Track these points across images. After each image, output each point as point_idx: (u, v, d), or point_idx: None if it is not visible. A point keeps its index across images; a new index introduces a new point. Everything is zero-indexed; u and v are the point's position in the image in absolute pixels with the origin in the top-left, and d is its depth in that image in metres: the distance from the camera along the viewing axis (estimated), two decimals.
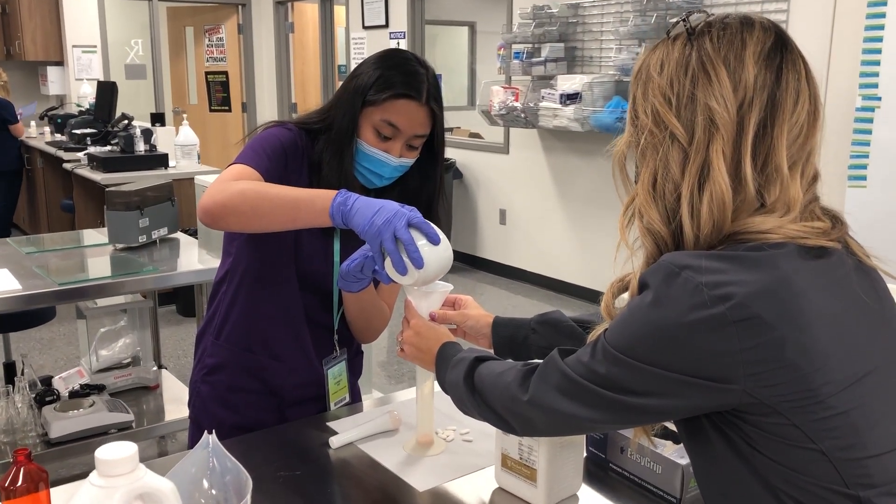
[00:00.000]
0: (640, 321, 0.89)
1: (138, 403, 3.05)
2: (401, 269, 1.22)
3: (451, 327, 1.44)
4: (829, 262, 0.90)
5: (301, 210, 1.28)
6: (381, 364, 4.35)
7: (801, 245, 0.88)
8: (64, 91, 7.90)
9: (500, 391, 1.05)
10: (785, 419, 0.84)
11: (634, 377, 0.89)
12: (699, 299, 0.84)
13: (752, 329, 0.82)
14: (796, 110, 0.91)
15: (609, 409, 0.92)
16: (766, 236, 0.88)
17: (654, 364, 0.87)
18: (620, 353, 0.89)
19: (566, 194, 5.54)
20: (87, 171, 4.92)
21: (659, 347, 0.87)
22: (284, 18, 8.64)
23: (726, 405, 0.87)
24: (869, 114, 3.56)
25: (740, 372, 0.84)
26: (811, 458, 0.85)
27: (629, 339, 0.89)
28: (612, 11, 4.93)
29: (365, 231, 1.21)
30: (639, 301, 0.90)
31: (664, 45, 0.97)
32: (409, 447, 1.42)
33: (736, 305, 0.83)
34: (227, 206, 1.30)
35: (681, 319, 0.85)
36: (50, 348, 4.43)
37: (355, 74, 1.48)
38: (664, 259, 0.89)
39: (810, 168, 0.94)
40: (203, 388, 1.59)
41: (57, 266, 2.66)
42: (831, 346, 0.85)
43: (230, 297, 1.55)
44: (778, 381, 0.83)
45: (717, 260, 0.86)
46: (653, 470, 1.28)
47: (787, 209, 0.90)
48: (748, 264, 0.85)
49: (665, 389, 0.87)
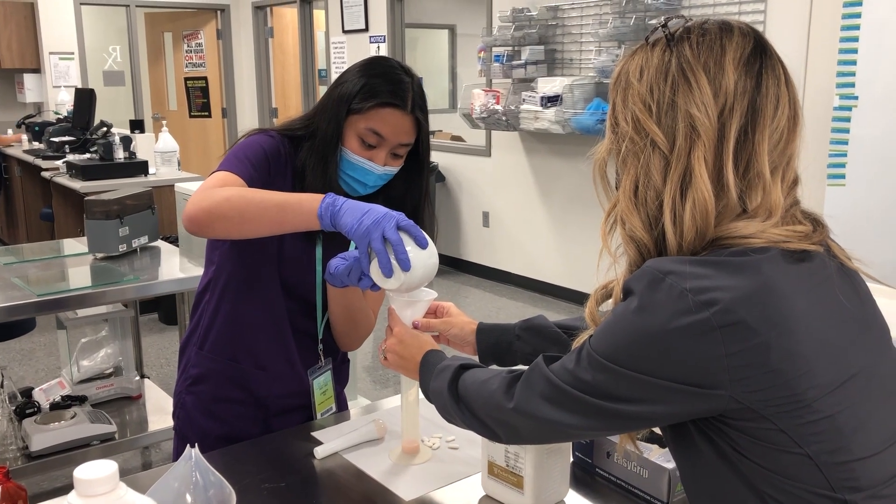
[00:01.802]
0: (625, 328, 0.88)
1: (121, 414, 3.02)
2: (387, 270, 1.21)
3: (435, 335, 1.44)
4: (811, 266, 0.90)
5: (288, 213, 1.28)
6: (366, 369, 4.34)
7: (783, 249, 0.88)
8: (41, 99, 7.82)
9: (485, 399, 1.04)
10: (771, 424, 0.84)
11: (620, 384, 0.88)
12: (684, 305, 0.84)
13: (736, 334, 0.82)
14: (777, 116, 0.91)
15: (595, 416, 0.92)
16: (748, 241, 0.88)
17: (640, 370, 0.87)
18: (605, 360, 0.89)
19: (548, 196, 5.55)
20: (65, 180, 4.87)
21: (644, 354, 0.86)
22: (264, 23, 8.61)
23: (712, 411, 0.87)
24: (846, 112, 3.60)
25: (726, 377, 0.84)
26: (798, 462, 0.85)
27: (614, 345, 0.89)
28: (591, 14, 4.95)
29: (353, 230, 1.21)
30: (623, 307, 0.89)
31: (643, 50, 0.96)
32: (395, 456, 1.41)
33: (720, 311, 0.83)
34: (213, 213, 1.29)
35: (666, 325, 0.84)
36: (30, 359, 4.38)
37: (340, 82, 1.47)
38: (648, 265, 0.89)
39: (790, 172, 0.95)
40: (187, 399, 1.58)
41: (36, 277, 2.63)
42: (815, 350, 0.85)
43: (214, 306, 1.54)
44: (763, 386, 0.83)
45: (701, 265, 0.86)
46: (639, 474, 1.28)
47: (768, 214, 0.90)
48: (732, 269, 0.85)
49: (650, 396, 0.87)
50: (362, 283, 1.29)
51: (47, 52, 7.71)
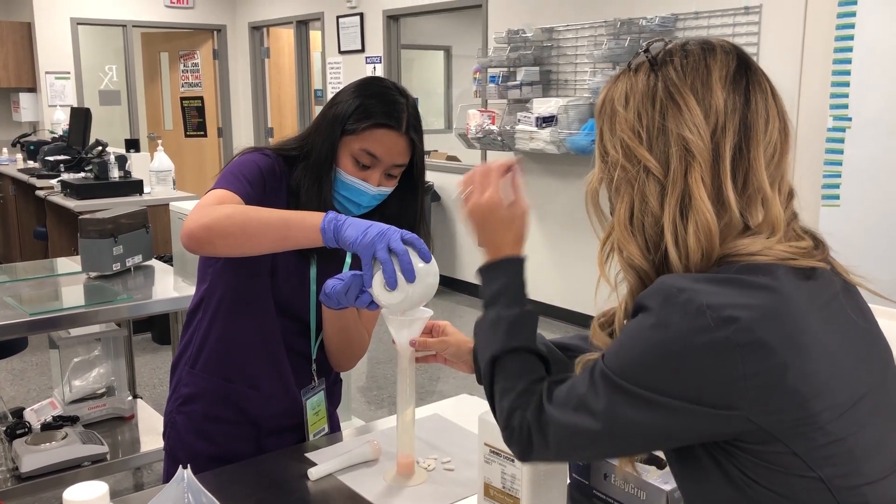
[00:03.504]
0: (641, 344, 0.86)
1: (113, 434, 2.98)
2: (392, 282, 1.20)
3: (431, 354, 1.42)
4: (819, 284, 0.89)
5: (292, 228, 1.27)
6: (360, 389, 4.31)
7: (791, 266, 0.88)
8: (37, 118, 7.82)
9: (514, 396, 1.00)
10: (784, 447, 0.83)
11: (634, 404, 0.86)
12: (703, 322, 0.82)
13: (756, 353, 0.81)
14: (769, 130, 0.91)
15: (606, 440, 0.89)
16: (755, 258, 0.87)
17: (655, 390, 0.84)
18: (621, 379, 0.87)
19: (544, 216, 5.56)
20: (60, 199, 4.86)
21: (660, 371, 0.84)
22: (260, 43, 8.64)
23: (725, 434, 0.85)
24: (840, 134, 3.62)
25: (743, 398, 0.82)
26: (809, 486, 0.83)
27: (629, 362, 0.87)
28: (586, 35, 4.98)
29: (358, 241, 1.20)
30: (637, 324, 0.87)
31: (626, 76, 0.96)
32: (390, 477, 1.40)
33: (740, 329, 0.81)
34: (214, 229, 1.29)
35: (684, 342, 0.82)
36: (21, 379, 4.35)
37: (334, 102, 1.47)
38: (662, 280, 0.87)
39: (785, 185, 0.95)
40: (178, 419, 1.56)
41: (29, 296, 2.61)
42: (829, 371, 0.84)
43: (206, 324, 1.52)
44: (780, 408, 0.82)
45: (715, 284, 0.85)
46: (637, 496, 1.26)
47: (772, 230, 0.90)
48: (747, 287, 0.84)
49: (664, 417, 0.85)
50: (360, 300, 1.28)
51: (43, 71, 7.72)
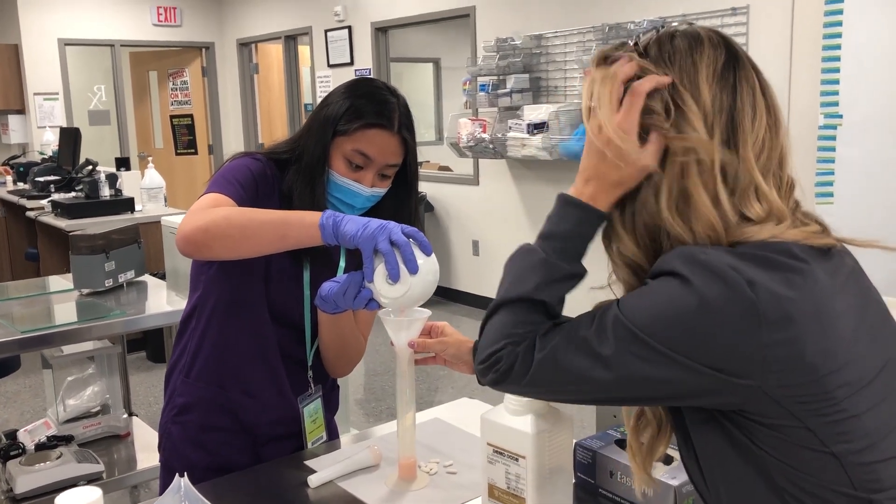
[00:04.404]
0: (665, 300, 0.83)
1: (109, 453, 2.93)
2: (395, 274, 1.18)
3: (430, 355, 1.40)
4: (835, 262, 0.88)
5: (290, 226, 1.25)
6: (358, 402, 4.28)
7: (807, 245, 0.86)
8: (26, 139, 7.79)
9: (509, 330, 0.99)
10: (798, 422, 0.81)
11: (647, 358, 0.82)
12: (730, 281, 0.80)
13: (779, 324, 0.79)
14: (755, 126, 0.90)
15: (603, 386, 0.86)
16: (768, 242, 0.85)
17: (673, 348, 0.81)
18: (638, 330, 0.83)
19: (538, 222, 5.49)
20: (51, 219, 4.82)
21: (681, 330, 0.81)
22: (249, 59, 8.64)
23: (732, 403, 0.83)
24: (832, 131, 3.61)
25: (759, 368, 0.80)
26: (822, 461, 0.82)
27: (650, 316, 0.83)
28: (574, 41, 4.99)
29: (359, 234, 1.19)
30: (659, 283, 0.84)
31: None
32: (392, 482, 1.37)
33: (766, 297, 0.79)
34: (211, 231, 1.26)
35: (710, 301, 0.80)
36: (15, 402, 4.30)
37: (325, 104, 1.46)
38: (681, 248, 0.85)
39: (785, 176, 0.93)
40: (174, 430, 1.53)
41: (20, 314, 2.57)
42: (847, 347, 0.83)
43: (200, 332, 1.50)
44: (796, 382, 0.80)
45: (738, 256, 0.82)
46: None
47: (779, 220, 0.88)
48: (771, 261, 0.82)
49: (676, 375, 0.82)
50: (359, 299, 1.25)
51: (32, 92, 7.69)
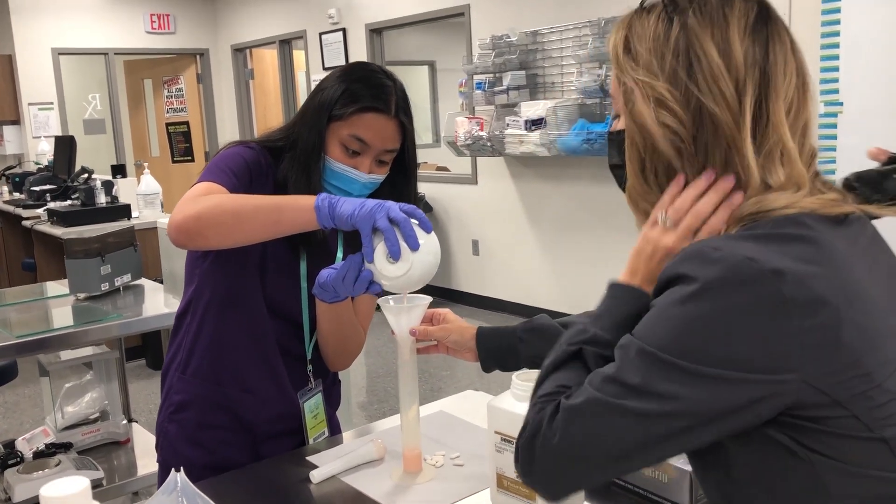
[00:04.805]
0: (681, 314, 0.76)
1: (109, 459, 2.89)
2: (395, 251, 1.15)
3: (432, 344, 1.36)
4: (853, 229, 0.84)
5: (285, 210, 1.22)
6: (361, 405, 4.24)
7: (822, 215, 0.81)
8: (21, 150, 7.75)
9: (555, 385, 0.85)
10: (843, 409, 0.75)
11: (677, 378, 0.75)
12: (748, 274, 0.74)
13: (808, 307, 0.73)
14: (786, 83, 0.85)
15: (635, 424, 0.76)
16: (783, 213, 0.81)
17: (701, 361, 0.74)
18: (659, 350, 0.76)
19: (537, 220, 5.51)
20: (47, 227, 4.78)
21: (705, 339, 0.74)
22: (244, 65, 8.61)
23: (778, 406, 0.76)
24: (832, 119, 3.58)
25: (797, 358, 0.74)
26: (870, 448, 0.76)
27: (668, 334, 0.76)
28: (570, 36, 4.95)
29: (356, 213, 1.16)
30: (671, 294, 0.78)
31: (639, 19, 0.90)
32: (397, 475, 1.33)
33: (789, 282, 0.73)
34: (204, 219, 1.23)
35: (729, 301, 0.74)
36: (14, 412, 4.25)
37: (319, 89, 1.42)
38: (692, 246, 0.80)
39: (807, 143, 0.89)
40: (170, 428, 1.48)
41: (16, 320, 2.53)
42: (878, 323, 0.78)
43: (195, 327, 1.46)
44: (836, 366, 0.75)
45: (752, 241, 0.77)
46: (658, 479, 1.20)
47: (797, 187, 0.83)
48: (787, 240, 0.77)
49: (712, 391, 0.74)
50: (358, 284, 1.21)
51: (26, 102, 7.66)
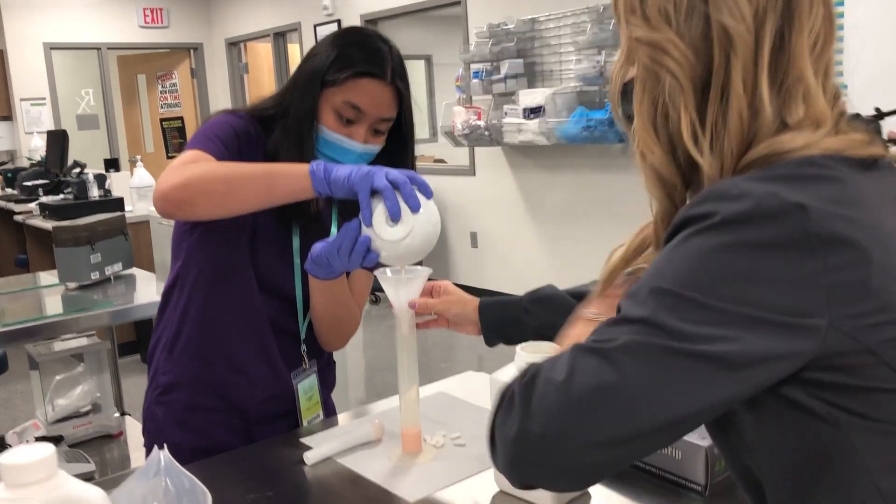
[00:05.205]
0: (696, 250, 0.69)
1: (101, 452, 2.85)
2: (395, 212, 1.10)
3: (432, 318, 1.30)
4: (883, 174, 0.76)
5: (278, 177, 1.17)
6: (360, 401, 4.18)
7: (848, 157, 0.74)
8: (13, 146, 7.68)
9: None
10: (874, 357, 0.68)
11: (690, 317, 0.67)
12: (770, 208, 0.67)
13: (835, 245, 0.67)
14: (812, 14, 0.79)
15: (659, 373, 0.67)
16: (801, 153, 0.73)
17: (719, 297, 0.67)
18: (679, 288, 0.69)
19: (536, 211, 5.44)
20: (39, 221, 4.71)
21: (725, 278, 0.68)
22: (238, 59, 8.54)
23: (806, 352, 0.69)
24: None
25: (824, 300, 0.67)
26: None
27: (685, 267, 0.70)
28: (568, 23, 4.89)
29: (353, 175, 1.12)
30: (686, 235, 0.71)
31: None
32: (395, 456, 1.26)
33: (814, 218, 0.67)
34: (192, 187, 1.17)
35: (752, 237, 0.67)
36: (6, 408, 4.18)
37: (311, 55, 1.36)
38: (708, 189, 0.73)
39: (829, 84, 0.82)
40: (158, 411, 1.41)
41: (5, 309, 2.48)
42: None
43: (183, 304, 1.38)
44: (866, 309, 0.68)
45: (770, 181, 0.70)
46: (671, 456, 1.13)
47: (817, 126, 0.76)
48: (808, 179, 0.70)
49: (738, 334, 0.67)
50: (354, 254, 1.15)
51: (18, 98, 7.59)
